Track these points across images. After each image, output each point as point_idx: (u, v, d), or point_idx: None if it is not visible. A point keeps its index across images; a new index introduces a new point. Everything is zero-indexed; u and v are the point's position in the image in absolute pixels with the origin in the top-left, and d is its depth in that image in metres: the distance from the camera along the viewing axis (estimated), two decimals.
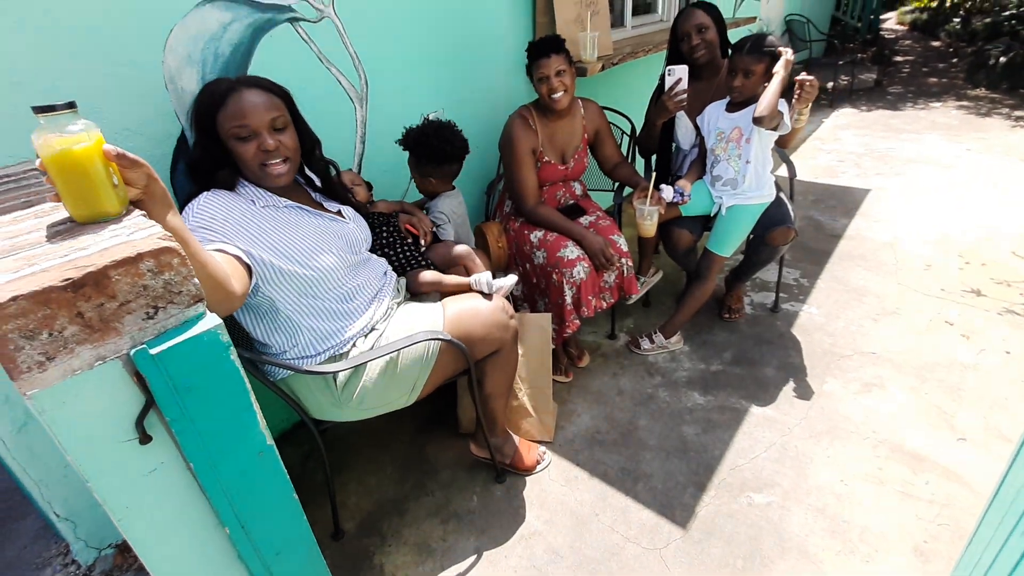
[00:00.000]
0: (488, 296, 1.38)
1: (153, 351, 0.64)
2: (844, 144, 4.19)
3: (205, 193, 1.10)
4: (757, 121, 1.64)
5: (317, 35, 1.56)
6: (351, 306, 1.27)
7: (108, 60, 1.19)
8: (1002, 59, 5.30)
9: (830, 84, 5.65)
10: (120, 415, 0.66)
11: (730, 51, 1.77)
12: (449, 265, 1.57)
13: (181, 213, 1.03)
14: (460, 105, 2.08)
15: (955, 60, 6.87)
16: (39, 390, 0.58)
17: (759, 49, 1.67)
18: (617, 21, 3.04)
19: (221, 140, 1.13)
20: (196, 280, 0.69)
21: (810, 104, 1.69)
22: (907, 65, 7.03)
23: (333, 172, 1.45)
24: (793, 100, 1.67)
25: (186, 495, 0.75)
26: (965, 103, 5.04)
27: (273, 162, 1.14)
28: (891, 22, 11.26)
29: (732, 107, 1.82)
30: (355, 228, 1.33)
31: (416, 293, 1.49)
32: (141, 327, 0.65)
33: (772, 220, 1.88)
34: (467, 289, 1.44)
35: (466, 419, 1.74)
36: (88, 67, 1.15)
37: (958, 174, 3.47)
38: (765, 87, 1.64)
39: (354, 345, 1.28)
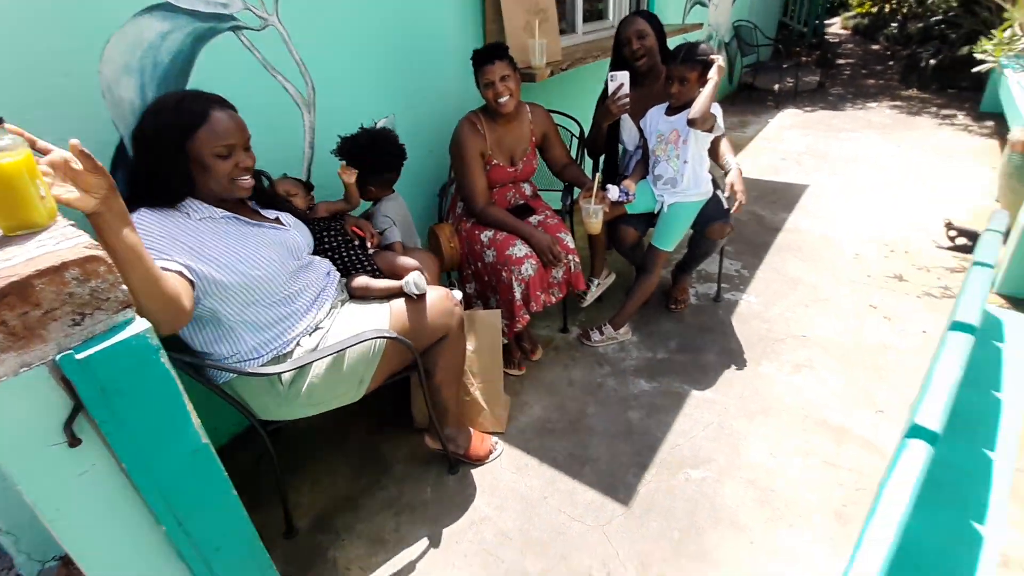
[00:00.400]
0: (420, 297, 1.41)
1: (79, 356, 0.67)
2: (787, 143, 4.40)
3: (140, 210, 1.10)
4: (691, 123, 1.74)
5: (261, 43, 1.58)
6: (293, 308, 1.30)
7: (43, 71, 1.19)
8: (932, 61, 5.64)
9: (776, 86, 5.89)
10: (48, 419, 0.68)
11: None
12: (393, 274, 1.59)
13: None
14: (412, 110, 2.13)
15: (891, 63, 7.26)
16: None
17: (692, 57, 1.77)
18: (569, 27, 3.13)
19: (188, 156, 1.13)
20: (124, 287, 0.72)
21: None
22: (848, 68, 7.40)
23: (266, 182, 1.48)
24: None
25: (120, 495, 0.78)
26: (898, 103, 5.35)
27: (244, 178, 1.20)
28: (836, 27, 11.79)
29: (671, 111, 1.91)
30: (296, 234, 1.36)
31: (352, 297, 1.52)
32: (67, 333, 0.68)
33: (710, 216, 1.99)
34: (399, 292, 1.44)
35: (420, 414, 1.79)
36: (22, 78, 1.15)
37: (889, 170, 3.70)
38: (700, 91, 1.74)
39: (298, 344, 1.31)
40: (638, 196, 2.00)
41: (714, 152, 2.04)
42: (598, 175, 1.89)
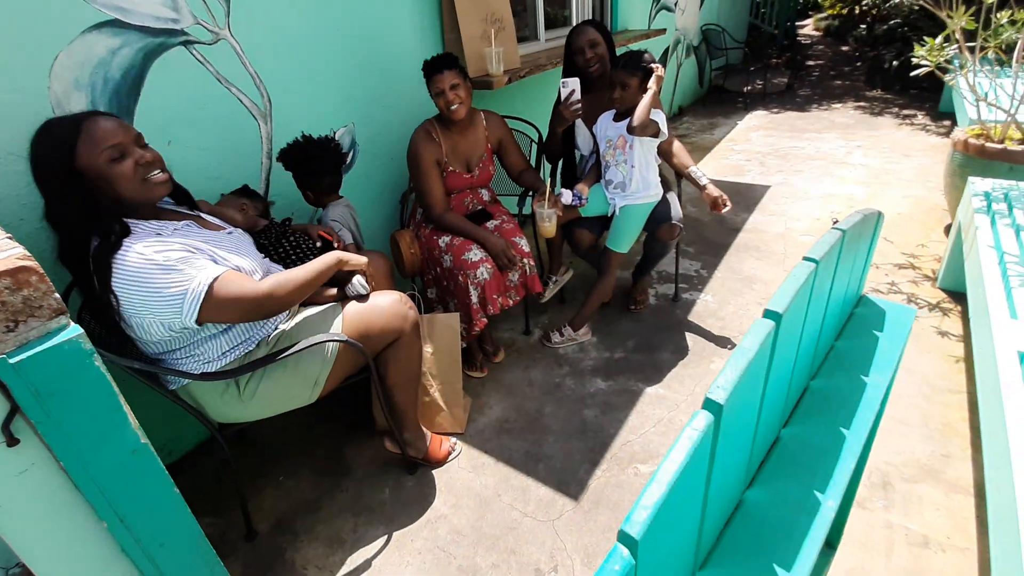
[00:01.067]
0: (364, 298, 1.46)
1: (12, 361, 0.71)
2: (752, 144, 4.53)
3: (139, 245, 1.09)
4: (631, 130, 1.81)
5: (214, 57, 1.63)
6: None
7: None
8: (895, 63, 5.83)
9: (745, 88, 6.04)
10: None
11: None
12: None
13: (113, 262, 1.07)
14: (371, 119, 2.18)
15: (859, 64, 7.47)
16: None
17: (633, 64, 1.84)
18: (531, 35, 3.21)
19: (83, 176, 1.09)
20: (56, 295, 0.76)
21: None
22: (817, 69, 7.59)
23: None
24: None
25: (61, 493, 0.81)
26: (862, 103, 5.52)
27: (154, 173, 1.17)
28: (808, 28, 12.07)
29: (618, 117, 1.99)
30: (246, 238, 1.41)
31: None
32: (1, 339, 0.72)
33: (660, 218, 2.07)
34: (342, 298, 1.48)
35: (381, 417, 1.83)
36: None
37: (848, 169, 3.83)
38: (642, 98, 1.82)
39: (258, 347, 1.35)
40: (592, 200, 2.07)
41: (668, 156, 2.11)
42: (549, 180, 1.96)
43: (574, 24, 3.55)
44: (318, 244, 1.64)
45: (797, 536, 0.59)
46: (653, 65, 1.84)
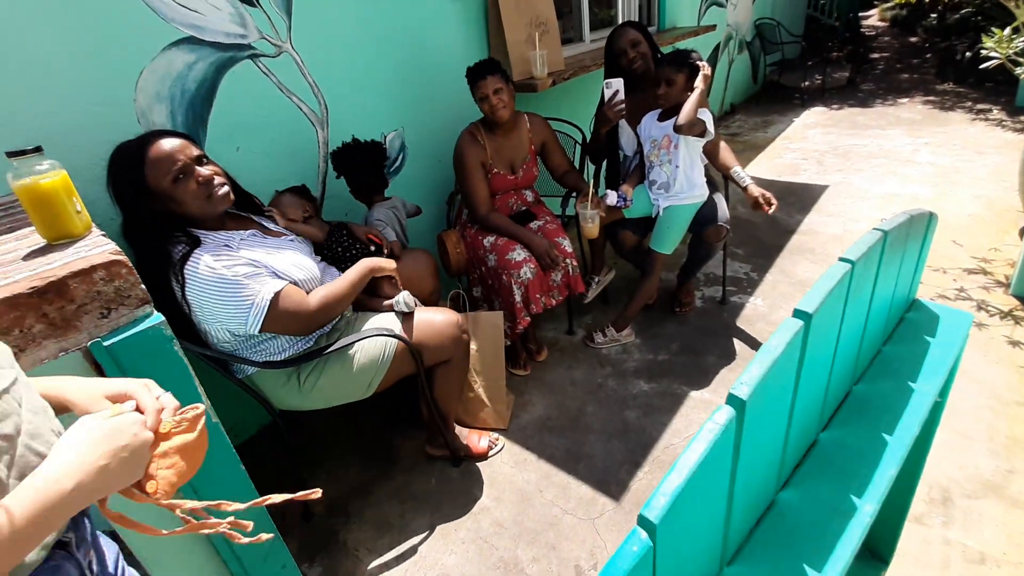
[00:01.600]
0: (410, 315, 1.50)
1: (107, 343, 0.81)
2: (809, 142, 4.34)
3: (201, 250, 1.18)
4: (677, 129, 1.80)
5: (277, 68, 1.74)
6: None
7: (83, 99, 1.36)
8: (968, 54, 5.43)
9: (803, 84, 5.80)
10: None
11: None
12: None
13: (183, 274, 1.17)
14: (419, 123, 2.26)
15: (928, 56, 7.00)
16: None
17: (680, 61, 1.83)
18: (576, 36, 3.22)
19: (154, 196, 1.17)
20: (143, 286, 0.86)
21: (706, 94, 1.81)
22: (882, 62, 7.17)
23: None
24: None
25: None
26: (932, 98, 5.18)
27: (216, 188, 1.23)
28: (873, 18, 11.40)
29: (663, 116, 1.98)
30: (305, 243, 1.51)
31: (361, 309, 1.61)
32: (97, 324, 0.82)
33: (706, 219, 2.04)
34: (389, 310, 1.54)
35: (427, 412, 1.90)
36: (65, 106, 1.33)
37: (914, 168, 3.61)
38: (688, 97, 1.81)
39: (316, 342, 1.45)
40: (636, 200, 2.07)
41: (713, 157, 2.08)
42: (591, 181, 1.97)
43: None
44: (371, 248, 1.71)
45: (830, 538, 0.59)
46: (700, 63, 1.82)
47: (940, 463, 1.53)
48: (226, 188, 1.27)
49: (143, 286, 0.86)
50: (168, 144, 1.18)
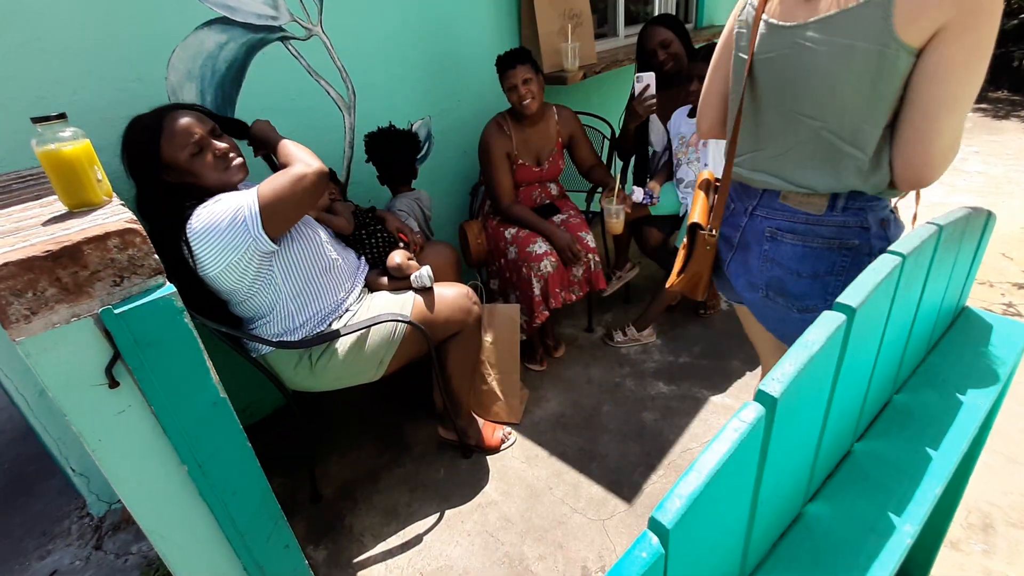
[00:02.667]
0: (429, 290, 1.51)
1: (118, 311, 0.80)
2: None
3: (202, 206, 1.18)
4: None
5: (306, 51, 1.74)
6: (332, 289, 1.42)
7: (118, 76, 1.38)
8: None
9: None
10: (93, 363, 0.82)
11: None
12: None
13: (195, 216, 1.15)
14: (447, 113, 2.24)
15: None
16: (26, 338, 0.75)
17: None
18: (611, 31, 3.16)
19: (171, 169, 1.19)
20: (156, 256, 0.85)
21: None
22: None
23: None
24: None
25: (151, 434, 0.91)
26: (983, 105, 4.92)
27: (232, 162, 1.26)
28: None
29: (693, 113, 1.91)
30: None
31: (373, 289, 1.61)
32: (109, 292, 0.81)
33: None
34: (407, 288, 1.53)
35: (440, 401, 1.88)
36: (101, 81, 1.35)
37: (961, 177, 3.43)
38: None
39: (330, 325, 1.44)
40: (663, 198, 2.00)
41: None
42: (617, 176, 1.92)
43: None
44: (399, 245, 1.67)
45: (864, 559, 0.53)
46: None
47: (981, 487, 1.43)
48: (241, 159, 1.29)
49: (156, 256, 0.85)
50: (184, 119, 1.19)
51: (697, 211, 1.05)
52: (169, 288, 0.86)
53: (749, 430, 0.39)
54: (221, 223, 1.16)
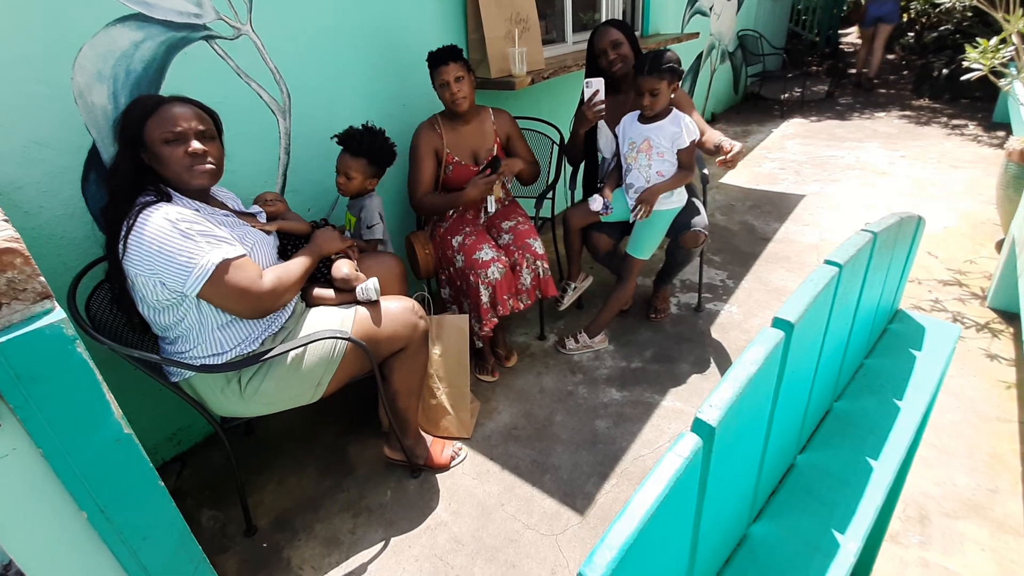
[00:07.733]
0: (376, 303, 1.44)
1: None
2: (788, 153, 4.35)
3: (168, 205, 1.15)
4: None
5: (235, 52, 1.63)
6: None
7: (16, 78, 1.24)
8: (944, 71, 5.54)
9: (783, 95, 5.85)
10: None
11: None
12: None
13: (132, 228, 1.11)
14: (391, 118, 2.16)
15: (905, 72, 7.15)
16: None
17: (659, 67, 1.76)
18: (559, 37, 3.16)
19: (146, 148, 1.18)
20: (42, 279, 0.75)
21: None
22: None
23: None
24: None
25: (41, 481, 0.80)
26: (908, 113, 5.26)
27: (199, 164, 1.21)
28: (853, 36, 11.64)
29: (644, 119, 1.91)
30: (271, 236, 1.43)
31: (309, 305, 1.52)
32: None
33: (684, 224, 1.98)
34: (352, 302, 1.47)
35: (386, 419, 1.79)
36: None
37: (890, 180, 3.63)
38: (672, 98, 1.77)
39: (262, 344, 1.34)
40: (613, 204, 2.00)
41: (702, 147, 2.02)
42: (570, 183, 1.90)
43: None
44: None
45: None
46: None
47: (916, 479, 1.49)
48: (211, 167, 1.24)
49: (42, 279, 0.75)
50: (180, 109, 1.20)
51: None
52: (59, 314, 0.76)
53: (686, 465, 0.36)
54: (168, 250, 1.11)
